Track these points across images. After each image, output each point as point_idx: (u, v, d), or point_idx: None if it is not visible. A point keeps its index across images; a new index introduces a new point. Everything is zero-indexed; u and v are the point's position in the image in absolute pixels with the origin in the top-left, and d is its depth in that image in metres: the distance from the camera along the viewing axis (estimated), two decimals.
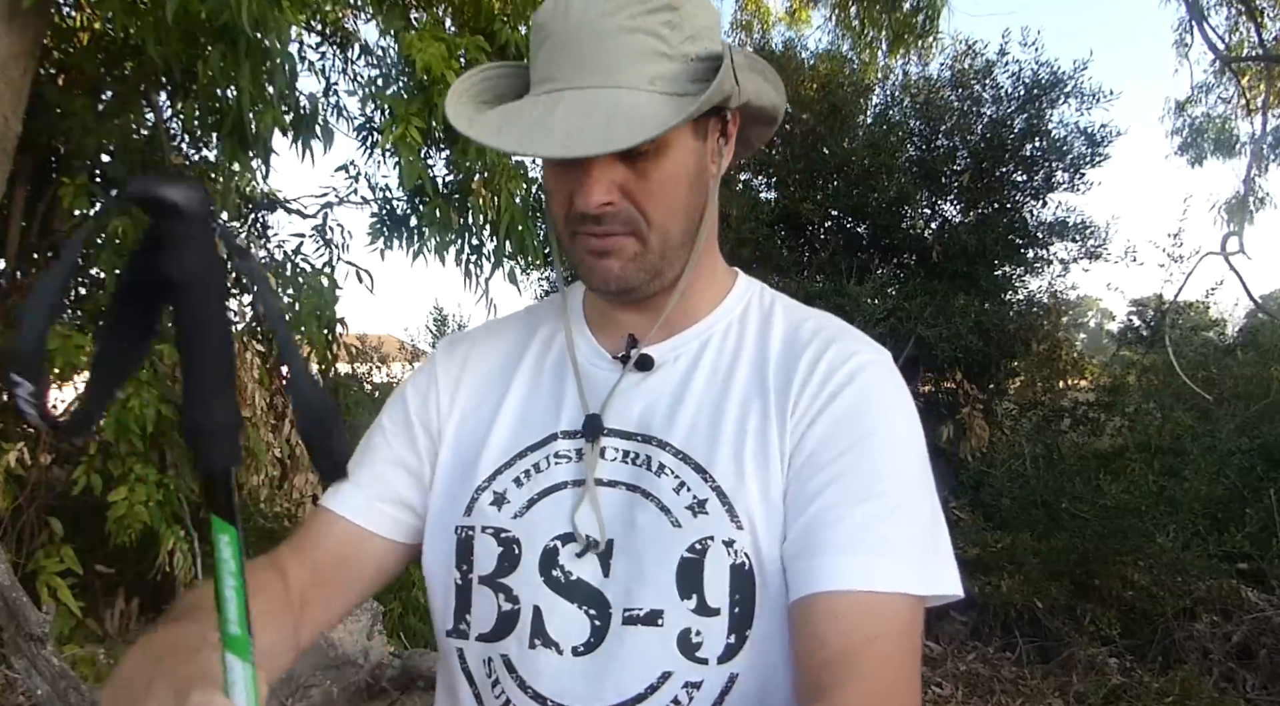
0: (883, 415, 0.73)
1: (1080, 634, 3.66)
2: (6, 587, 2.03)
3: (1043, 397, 5.54)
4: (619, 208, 0.71)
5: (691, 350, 0.79)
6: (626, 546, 0.73)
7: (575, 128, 0.66)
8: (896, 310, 4.60)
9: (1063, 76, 5.08)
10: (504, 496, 0.78)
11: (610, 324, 0.82)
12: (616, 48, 0.68)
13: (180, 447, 3.48)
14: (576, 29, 0.69)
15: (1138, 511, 3.72)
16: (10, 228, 3.67)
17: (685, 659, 0.71)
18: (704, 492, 0.72)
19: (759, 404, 0.75)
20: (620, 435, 0.77)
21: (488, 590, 0.76)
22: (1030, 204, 5.30)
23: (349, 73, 4.40)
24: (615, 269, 0.73)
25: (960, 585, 0.70)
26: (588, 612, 0.73)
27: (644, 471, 0.75)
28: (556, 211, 0.75)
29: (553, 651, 0.73)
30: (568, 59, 0.69)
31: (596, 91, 0.68)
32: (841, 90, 5.41)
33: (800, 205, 4.85)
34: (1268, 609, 3.62)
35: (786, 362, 0.76)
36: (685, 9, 0.70)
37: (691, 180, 0.73)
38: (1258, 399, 5.05)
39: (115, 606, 3.78)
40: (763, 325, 0.80)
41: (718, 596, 0.70)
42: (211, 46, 2.67)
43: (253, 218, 4.56)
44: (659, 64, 0.69)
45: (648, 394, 0.78)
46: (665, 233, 0.73)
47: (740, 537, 0.70)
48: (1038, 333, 5.40)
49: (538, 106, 0.69)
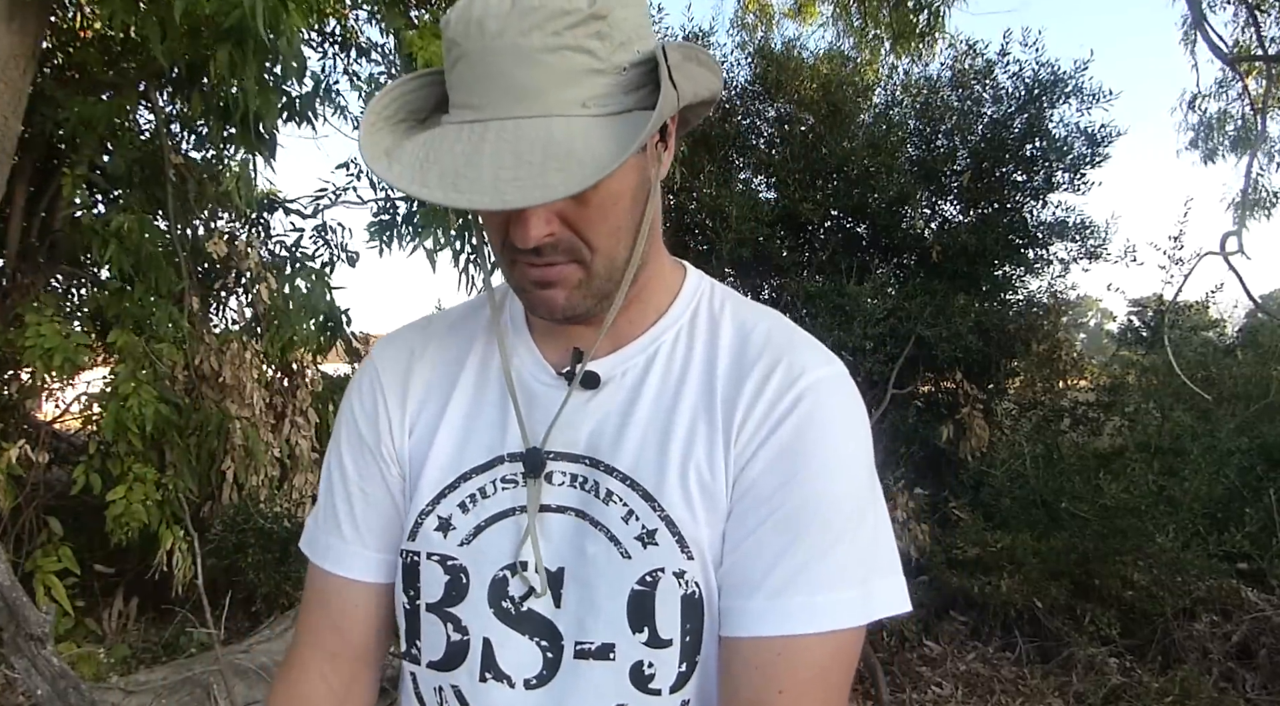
0: (824, 442, 0.69)
1: (1080, 634, 3.66)
2: (6, 587, 2.03)
3: (1043, 397, 5.54)
4: (559, 237, 0.66)
5: (639, 364, 0.75)
6: (577, 575, 0.72)
7: (508, 173, 0.59)
8: (896, 310, 4.59)
9: (1063, 76, 5.07)
10: (449, 522, 0.75)
11: (552, 335, 0.78)
12: (542, 69, 0.61)
13: (180, 448, 3.48)
14: (494, 49, 0.61)
15: (1137, 511, 3.71)
16: (10, 227, 3.67)
17: (638, 690, 0.70)
18: (653, 522, 0.70)
19: (705, 422, 0.71)
20: (568, 458, 0.73)
21: (436, 618, 0.75)
22: (1030, 204, 5.29)
23: (349, 71, 4.41)
24: (560, 299, 0.69)
25: (905, 597, 0.70)
26: (539, 644, 0.72)
27: (592, 498, 0.72)
28: (493, 238, 0.70)
29: (504, 684, 0.72)
30: (488, 84, 0.62)
31: (524, 122, 0.61)
32: (842, 90, 5.40)
33: (800, 205, 4.84)
34: (1268, 609, 3.62)
35: (735, 377, 0.72)
36: (614, 15, 0.63)
37: (634, 197, 0.68)
38: (1257, 399, 5.05)
39: (114, 606, 3.78)
40: (711, 331, 0.76)
41: (669, 628, 0.69)
42: (217, 45, 2.67)
43: (254, 216, 4.56)
44: (591, 82, 0.63)
45: (594, 414, 0.74)
46: (610, 256, 0.69)
47: (690, 568, 0.69)
48: (1038, 332, 5.39)
49: (461, 139, 0.62)
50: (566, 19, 0.61)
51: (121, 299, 3.50)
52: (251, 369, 3.77)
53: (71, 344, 3.14)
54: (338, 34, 4.30)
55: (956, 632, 3.91)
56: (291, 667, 0.84)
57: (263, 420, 3.83)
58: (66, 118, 3.29)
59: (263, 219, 4.64)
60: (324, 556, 0.82)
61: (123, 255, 3.35)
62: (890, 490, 4.33)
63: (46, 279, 3.93)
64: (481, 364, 0.80)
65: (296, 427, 4.04)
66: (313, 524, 0.85)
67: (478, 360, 0.80)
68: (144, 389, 3.20)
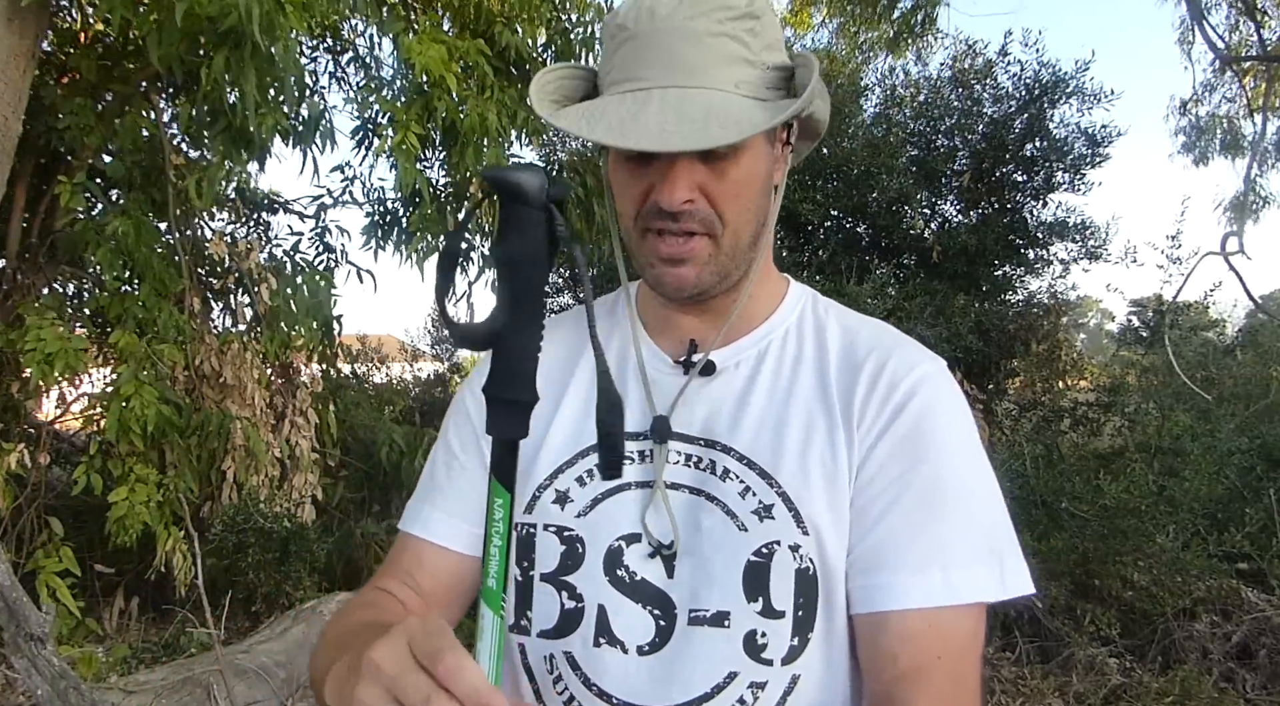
0: (944, 428, 0.74)
1: (1080, 634, 3.66)
2: (6, 588, 2.03)
3: (1043, 398, 5.54)
4: (698, 207, 0.71)
5: (751, 357, 0.80)
6: (691, 549, 0.75)
7: (671, 123, 0.66)
8: (896, 310, 4.59)
9: (1064, 76, 5.07)
10: (567, 495, 0.78)
11: (668, 328, 0.83)
12: (705, 50, 0.69)
13: (180, 448, 3.48)
14: (664, 30, 0.70)
15: (1137, 511, 3.71)
16: (10, 228, 3.67)
17: (751, 660, 0.72)
18: (770, 497, 0.73)
19: (823, 412, 0.76)
20: (684, 439, 0.77)
21: (550, 587, 0.77)
22: (1030, 204, 5.30)
23: (342, 77, 4.41)
24: (691, 276, 0.74)
25: (1030, 581, 0.73)
26: (652, 613, 0.75)
27: (708, 475, 0.76)
28: (626, 209, 0.75)
29: (618, 650, 0.75)
30: (655, 59, 0.70)
31: (687, 90, 0.69)
32: (841, 90, 5.41)
33: (800, 205, 4.84)
34: (1268, 609, 3.62)
35: (847, 373, 0.77)
36: (765, 19, 0.72)
37: (763, 184, 0.75)
38: (1257, 399, 5.05)
39: (114, 606, 3.78)
40: (819, 332, 0.81)
41: (783, 599, 0.72)
42: (215, 49, 2.67)
43: (253, 218, 4.56)
44: (742, 69, 0.71)
45: (711, 399, 0.78)
46: (738, 234, 0.74)
47: (806, 543, 0.72)
48: (1038, 333, 5.39)
49: (625, 103, 0.69)
50: (729, 11, 0.70)
51: (123, 300, 3.50)
52: (252, 369, 3.77)
53: (72, 348, 3.14)
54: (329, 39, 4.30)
55: None
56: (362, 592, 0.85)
57: (263, 420, 3.83)
58: (67, 126, 3.30)
59: (262, 220, 4.64)
60: (411, 522, 0.84)
61: (116, 259, 3.34)
62: None
63: (47, 279, 3.94)
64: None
65: (296, 428, 4.04)
66: (411, 502, 0.87)
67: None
68: (145, 389, 3.20)
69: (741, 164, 0.72)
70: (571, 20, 4.04)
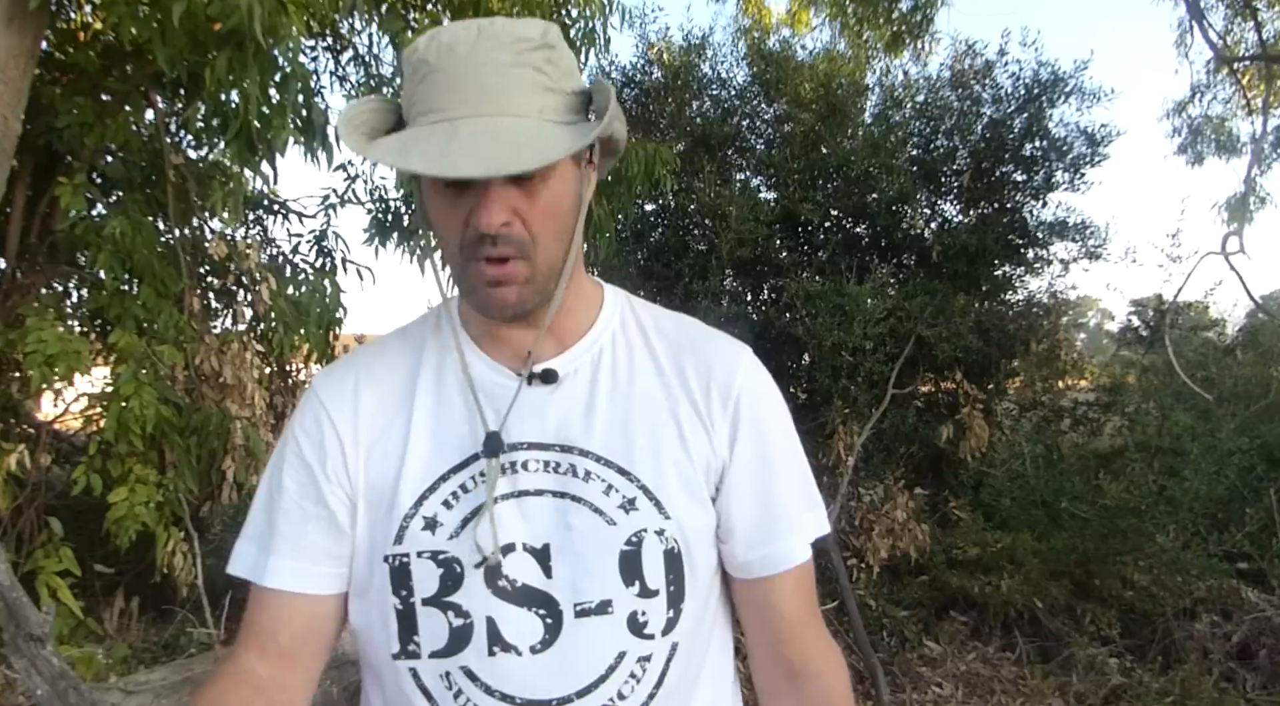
0: (772, 409, 0.89)
1: (1080, 634, 3.66)
2: (6, 587, 2.03)
3: (1043, 398, 5.53)
4: (513, 230, 0.75)
5: (588, 363, 0.86)
6: (564, 548, 0.81)
7: (484, 151, 0.70)
8: (896, 310, 4.58)
9: (1063, 76, 5.07)
10: (435, 520, 0.81)
11: (499, 340, 0.86)
12: (508, 80, 0.73)
13: (180, 448, 3.47)
14: (466, 63, 0.73)
15: (1138, 511, 3.72)
16: (10, 228, 3.67)
17: (635, 637, 0.81)
18: (631, 491, 0.81)
19: (667, 409, 0.85)
20: (540, 447, 0.82)
21: (434, 609, 0.81)
22: (1030, 204, 5.29)
23: (343, 76, 4.40)
24: (512, 297, 0.78)
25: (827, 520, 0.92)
26: (538, 613, 0.80)
27: (570, 478, 0.82)
28: (449, 237, 0.78)
29: (513, 654, 0.80)
30: (460, 91, 0.73)
31: (495, 118, 0.72)
32: (841, 90, 5.41)
33: (800, 205, 4.83)
34: (1268, 609, 3.62)
35: (677, 371, 0.86)
36: (559, 48, 0.77)
37: (572, 202, 0.79)
38: (1258, 399, 5.05)
39: (114, 606, 3.78)
40: (642, 333, 0.89)
41: (656, 579, 0.81)
42: (218, 51, 2.66)
43: (255, 219, 4.56)
44: (545, 96, 0.75)
45: (559, 406, 0.84)
46: (550, 254, 0.78)
47: (669, 526, 0.82)
48: (1038, 332, 5.39)
49: (436, 133, 0.72)
50: (527, 43, 0.75)
51: (123, 300, 3.50)
52: (252, 369, 3.77)
53: (73, 348, 3.13)
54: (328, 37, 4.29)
55: (957, 632, 3.91)
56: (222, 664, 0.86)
57: (263, 420, 3.83)
58: (67, 125, 3.29)
59: (262, 221, 4.63)
60: (261, 574, 0.84)
61: (114, 260, 3.34)
62: (890, 490, 4.33)
63: (47, 279, 3.93)
64: (435, 374, 0.87)
65: None
66: (243, 545, 0.87)
67: (431, 372, 0.87)
68: (145, 390, 3.19)
69: (551, 186, 0.76)
70: (571, 16, 4.00)
